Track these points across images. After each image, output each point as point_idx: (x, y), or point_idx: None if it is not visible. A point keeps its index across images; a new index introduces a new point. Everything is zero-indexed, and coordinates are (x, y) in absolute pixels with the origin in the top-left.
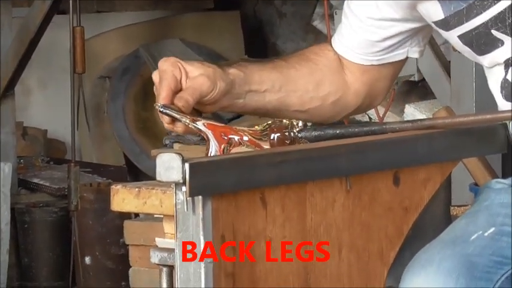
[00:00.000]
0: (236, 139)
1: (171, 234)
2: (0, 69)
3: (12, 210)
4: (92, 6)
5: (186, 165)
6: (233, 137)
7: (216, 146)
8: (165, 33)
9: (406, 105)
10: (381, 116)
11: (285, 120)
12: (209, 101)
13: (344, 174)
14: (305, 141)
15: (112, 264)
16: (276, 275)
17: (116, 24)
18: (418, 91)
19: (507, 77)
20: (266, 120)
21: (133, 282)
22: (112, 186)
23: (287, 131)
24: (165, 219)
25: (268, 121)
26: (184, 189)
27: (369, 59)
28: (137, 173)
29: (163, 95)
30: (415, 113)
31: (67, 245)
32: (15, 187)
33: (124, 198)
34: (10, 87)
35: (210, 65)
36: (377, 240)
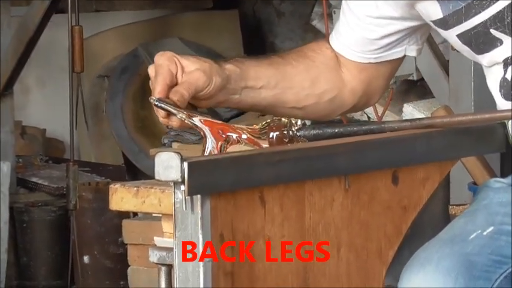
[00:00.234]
0: (234, 137)
1: (170, 233)
2: None
3: (11, 209)
4: (91, 5)
5: (185, 164)
6: (231, 134)
7: (213, 143)
8: (164, 33)
9: (405, 105)
10: (379, 115)
11: (283, 119)
12: (205, 96)
13: (343, 173)
14: (304, 139)
15: (111, 264)
16: (275, 274)
17: (115, 24)
18: (417, 90)
19: (506, 76)
20: (265, 119)
21: (131, 282)
22: (111, 185)
23: (286, 129)
24: (164, 218)
25: (267, 119)
26: (183, 188)
27: (366, 57)
28: (136, 172)
29: (158, 89)
30: (414, 112)
31: (66, 244)
32: (13, 186)
33: (123, 197)
34: (9, 86)
35: (206, 60)
36: (376, 239)
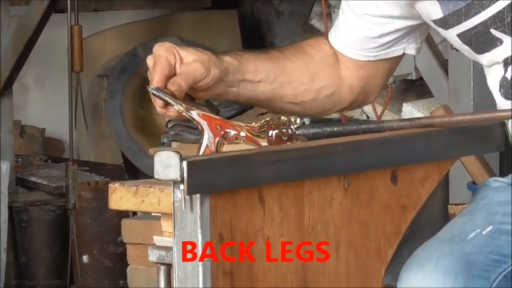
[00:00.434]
0: (232, 134)
1: (169, 232)
2: None
3: (10, 208)
4: (90, 5)
5: (184, 164)
6: (229, 131)
7: (210, 137)
8: (163, 32)
9: (404, 104)
10: (378, 114)
11: (283, 117)
12: (202, 87)
13: (342, 173)
14: (303, 138)
15: (110, 263)
16: (274, 273)
17: (114, 23)
18: (416, 90)
19: (506, 75)
20: (264, 118)
21: (131, 281)
22: (110, 185)
23: (285, 128)
24: (163, 217)
25: (267, 118)
26: (182, 187)
27: (365, 55)
28: (135, 172)
29: (156, 79)
30: (413, 112)
31: (65, 243)
32: (13, 186)
33: (122, 196)
34: (8, 86)
35: (204, 51)
36: (375, 238)
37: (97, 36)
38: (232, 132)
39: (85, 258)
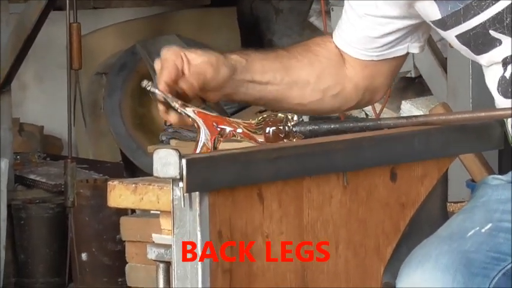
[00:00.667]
0: (228, 130)
1: (168, 230)
2: None
3: (9, 206)
4: (89, 2)
5: (183, 161)
6: (226, 127)
7: (207, 135)
8: (161, 30)
9: (403, 102)
10: (377, 112)
11: (280, 114)
12: (213, 88)
13: (341, 170)
14: (300, 135)
15: (109, 261)
16: (273, 271)
17: (113, 21)
18: (415, 87)
19: (505, 75)
20: (261, 114)
21: (129, 279)
22: (109, 182)
23: (282, 124)
24: (162, 215)
25: (264, 115)
26: (181, 185)
27: (368, 55)
28: (134, 170)
29: (162, 83)
30: (412, 110)
31: (63, 241)
32: (11, 183)
33: (121, 194)
34: (7, 83)
35: (212, 52)
36: (374, 236)
37: (96, 34)
38: (229, 128)
39: (84, 256)
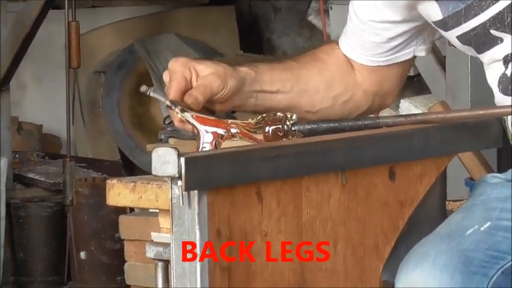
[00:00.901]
0: (227, 132)
1: (167, 228)
2: None
3: (8, 205)
4: (87, 1)
5: (182, 160)
6: (225, 129)
7: (207, 139)
8: (160, 28)
9: (402, 100)
10: None
11: (279, 113)
12: (220, 100)
13: (340, 169)
14: (299, 134)
15: (107, 259)
16: (272, 270)
17: (111, 19)
18: (414, 86)
19: (506, 72)
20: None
21: (128, 277)
22: (107, 181)
23: (281, 124)
24: (161, 213)
25: (263, 114)
26: (180, 183)
27: (374, 60)
28: (132, 168)
29: (172, 95)
30: (411, 108)
31: (62, 239)
32: (10, 182)
33: (119, 192)
34: (5, 82)
35: (220, 63)
36: (372, 234)
37: (94, 33)
38: (228, 130)
39: (82, 254)
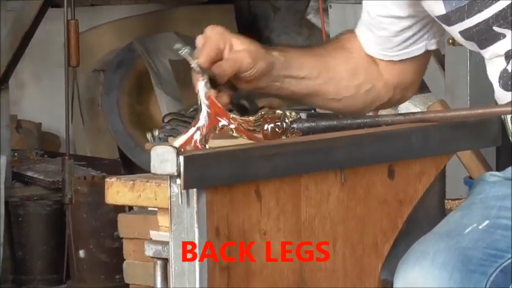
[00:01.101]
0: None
1: (166, 227)
2: None
3: (6, 203)
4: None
5: (181, 158)
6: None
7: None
8: (159, 27)
9: None
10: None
11: (278, 111)
12: (247, 78)
13: (339, 167)
14: (298, 132)
15: (106, 258)
16: (271, 269)
17: (110, 18)
18: None
19: (507, 68)
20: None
21: (127, 276)
22: (106, 179)
23: (280, 121)
24: (160, 212)
25: (262, 112)
26: (178, 181)
27: (387, 54)
28: (131, 167)
29: (201, 59)
30: (410, 107)
31: (61, 238)
32: (9, 180)
33: (118, 191)
34: (4, 81)
35: (254, 42)
36: (371, 233)
37: (93, 31)
38: (227, 123)
39: (81, 253)
